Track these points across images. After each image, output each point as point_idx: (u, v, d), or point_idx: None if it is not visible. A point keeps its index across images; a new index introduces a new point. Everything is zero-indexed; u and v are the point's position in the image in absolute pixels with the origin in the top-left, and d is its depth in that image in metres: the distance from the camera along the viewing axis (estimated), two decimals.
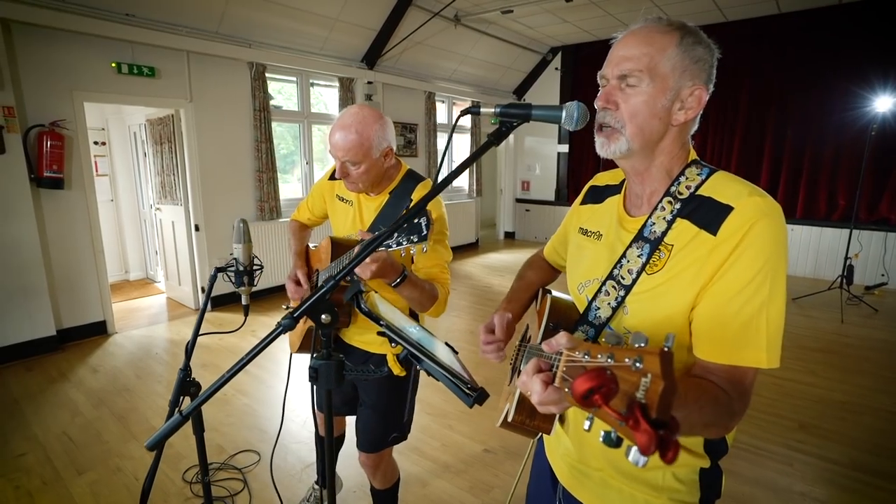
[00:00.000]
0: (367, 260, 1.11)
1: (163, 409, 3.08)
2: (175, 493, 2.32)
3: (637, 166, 0.87)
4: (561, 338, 0.61)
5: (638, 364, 0.47)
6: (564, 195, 8.80)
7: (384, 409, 1.62)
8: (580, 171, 8.59)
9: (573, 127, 0.85)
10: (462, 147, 8.59)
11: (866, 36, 5.78)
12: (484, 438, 2.78)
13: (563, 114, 0.84)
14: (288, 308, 1.44)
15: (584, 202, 1.08)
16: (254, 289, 1.49)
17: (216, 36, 4.66)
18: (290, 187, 6.29)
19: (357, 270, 1.16)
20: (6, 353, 3.69)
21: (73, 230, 4.04)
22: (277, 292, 5.50)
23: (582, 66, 8.25)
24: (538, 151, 9.09)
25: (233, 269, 1.27)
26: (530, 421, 0.94)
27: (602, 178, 1.07)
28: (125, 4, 4.01)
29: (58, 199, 3.92)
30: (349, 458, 2.43)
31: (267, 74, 5.10)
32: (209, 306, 5.02)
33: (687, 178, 0.85)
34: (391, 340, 0.79)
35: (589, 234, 1.01)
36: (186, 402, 1.32)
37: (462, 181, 8.61)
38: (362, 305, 0.77)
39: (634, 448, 0.47)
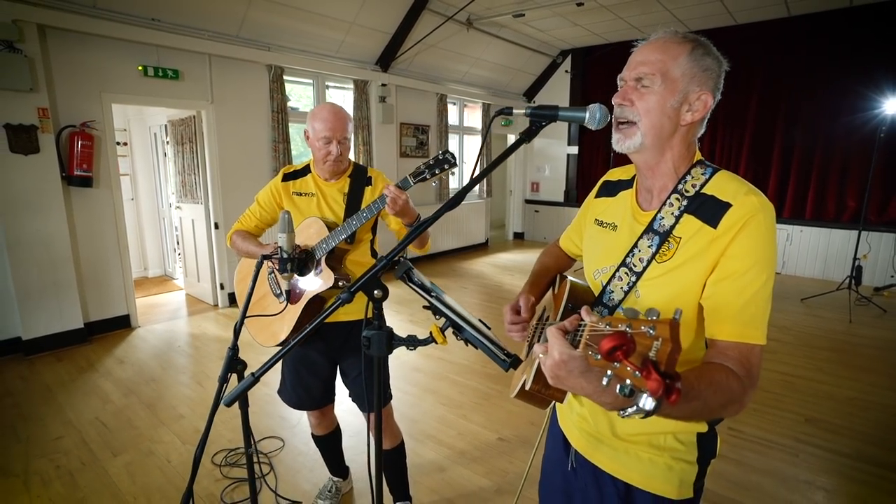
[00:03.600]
0: (397, 193, 1.51)
1: (188, 398, 3.21)
2: (205, 474, 2.44)
3: (649, 161, 0.97)
4: (589, 314, 0.71)
5: (651, 331, 0.58)
6: (574, 196, 8.87)
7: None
8: (590, 173, 8.66)
9: (595, 126, 0.96)
10: (473, 147, 8.70)
11: (876, 38, 5.82)
12: (497, 427, 2.88)
13: (587, 114, 0.94)
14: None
15: (598, 195, 1.18)
16: None
17: (237, 40, 4.81)
18: None
19: (389, 202, 1.52)
20: (38, 343, 3.85)
21: (100, 227, 4.20)
22: None
23: (592, 69, 8.34)
24: (548, 153, 9.17)
25: (277, 256, 1.39)
26: (545, 390, 1.03)
27: (614, 174, 1.17)
28: (152, 10, 4.16)
29: (86, 197, 4.08)
30: (351, 449, 2.54)
31: (284, 77, 5.25)
32: (228, 302, 5.16)
33: (692, 178, 0.94)
34: (435, 313, 0.90)
35: (604, 225, 1.10)
36: (233, 379, 1.44)
37: None
38: (414, 279, 0.88)
39: (645, 395, 0.57)
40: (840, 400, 3.20)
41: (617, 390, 0.61)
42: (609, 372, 0.62)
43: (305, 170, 1.86)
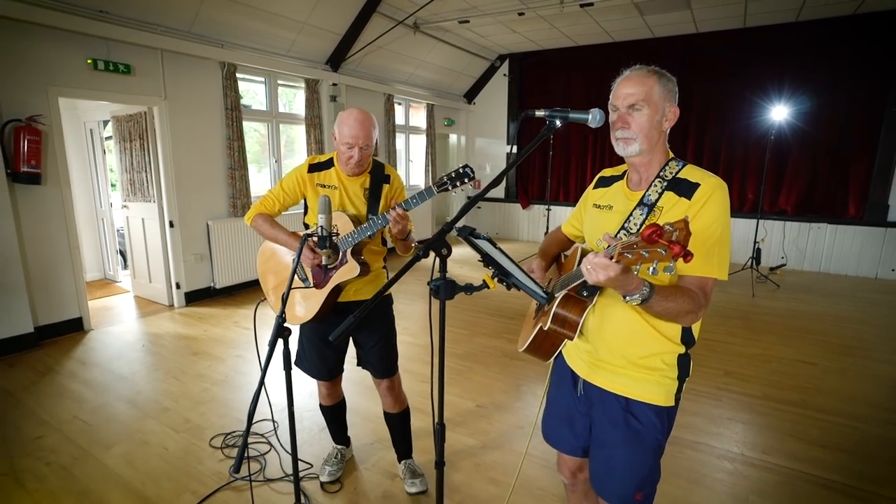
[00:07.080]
0: (404, 215, 1.84)
1: (168, 391, 3.23)
2: (206, 457, 2.54)
3: (644, 160, 1.33)
4: (615, 239, 1.03)
5: (670, 227, 0.92)
6: (514, 193, 9.42)
7: (390, 338, 2.16)
8: (528, 171, 9.25)
9: (596, 125, 1.29)
10: (418, 145, 8.97)
11: (765, 56, 6.84)
12: (473, 397, 3.20)
13: (590, 116, 1.28)
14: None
15: (595, 187, 1.53)
16: (229, 283, 1.74)
17: (189, 35, 4.75)
18: (259, 185, 6.37)
19: (401, 222, 1.84)
20: None
21: (49, 226, 4.01)
22: (253, 286, 5.61)
23: (527, 73, 8.90)
24: (488, 152, 9.66)
25: (316, 234, 1.60)
26: (561, 329, 1.36)
27: (607, 172, 1.53)
28: (99, 1, 4.03)
29: (34, 195, 3.89)
30: (353, 419, 2.77)
31: (237, 74, 5.23)
32: (185, 302, 5.07)
33: (669, 168, 1.32)
34: (487, 263, 1.18)
35: (602, 207, 1.45)
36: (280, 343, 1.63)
37: (418, 180, 8.99)
38: (481, 235, 1.16)
39: (671, 264, 0.91)
40: (749, 356, 3.86)
41: (649, 272, 0.94)
42: (637, 266, 0.95)
43: (329, 162, 2.03)
